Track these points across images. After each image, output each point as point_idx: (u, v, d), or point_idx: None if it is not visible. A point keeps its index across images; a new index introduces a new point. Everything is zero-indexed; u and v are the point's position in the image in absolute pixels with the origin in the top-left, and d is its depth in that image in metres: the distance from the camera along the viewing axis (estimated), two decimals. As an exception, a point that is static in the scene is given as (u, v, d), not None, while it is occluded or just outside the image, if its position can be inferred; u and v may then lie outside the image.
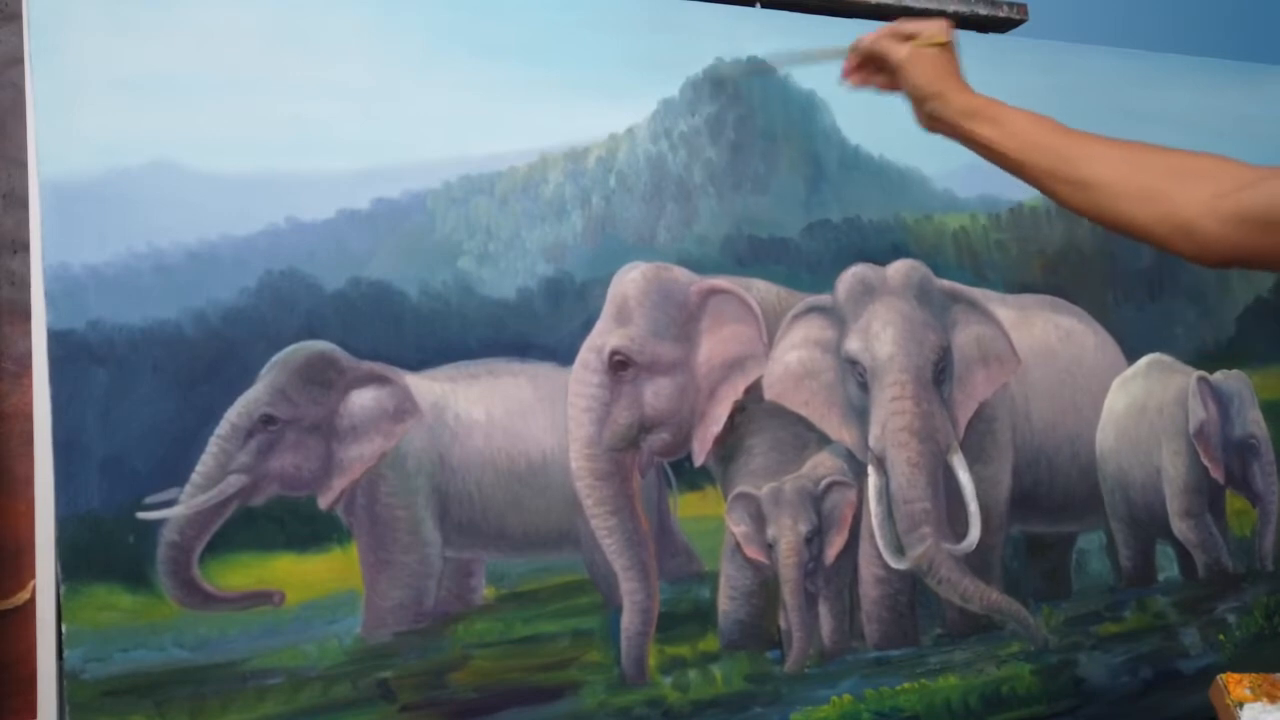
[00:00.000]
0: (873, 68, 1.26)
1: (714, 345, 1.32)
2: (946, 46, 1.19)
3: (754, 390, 1.34)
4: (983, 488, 1.41)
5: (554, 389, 1.24)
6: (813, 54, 1.35)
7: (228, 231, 1.12)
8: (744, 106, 1.39)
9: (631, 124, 1.33)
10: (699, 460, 1.31)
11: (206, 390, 1.10)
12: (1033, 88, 1.57)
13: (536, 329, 1.24)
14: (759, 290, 1.35)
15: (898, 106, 1.33)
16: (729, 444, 1.33)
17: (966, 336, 1.43)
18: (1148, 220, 0.99)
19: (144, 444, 1.07)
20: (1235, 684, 1.18)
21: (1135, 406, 1.57)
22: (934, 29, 1.20)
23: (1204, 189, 0.96)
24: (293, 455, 1.13)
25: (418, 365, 1.18)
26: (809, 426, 1.36)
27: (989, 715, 1.41)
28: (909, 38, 1.20)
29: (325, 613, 1.12)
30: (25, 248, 1.18)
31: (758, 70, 1.39)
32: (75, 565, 1.03)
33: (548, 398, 1.24)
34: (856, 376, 1.37)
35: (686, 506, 1.30)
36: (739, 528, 1.32)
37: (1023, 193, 1.54)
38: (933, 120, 1.18)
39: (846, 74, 1.29)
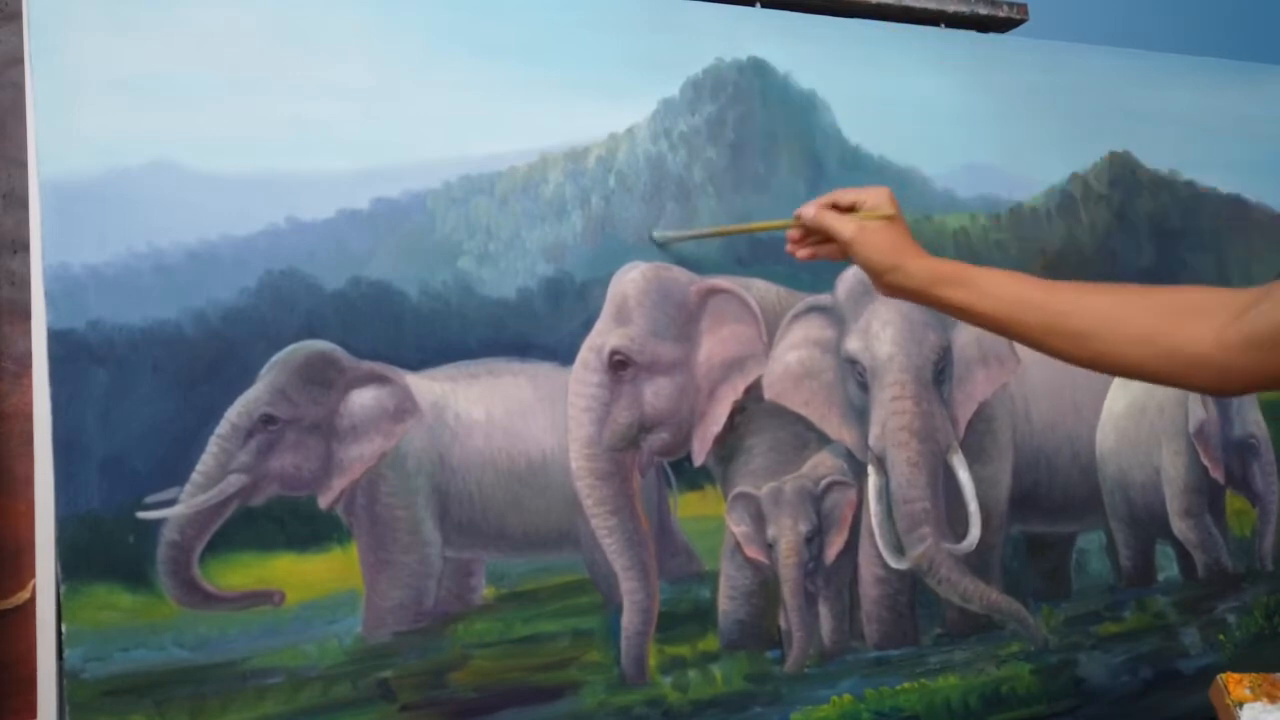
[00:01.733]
0: (819, 238, 1.18)
1: (714, 345, 1.32)
2: (894, 215, 1.12)
3: (754, 390, 1.34)
4: (983, 487, 1.41)
5: (554, 389, 1.24)
6: (754, 226, 1.30)
7: (228, 231, 1.12)
8: (744, 106, 1.39)
9: (631, 124, 1.33)
10: (699, 460, 1.31)
11: (206, 390, 1.10)
12: (1033, 88, 1.58)
13: (536, 329, 1.24)
14: (759, 290, 1.35)
15: (898, 107, 1.33)
16: (729, 444, 1.33)
17: (966, 336, 1.43)
18: (1156, 363, 0.96)
19: (144, 444, 1.07)
20: (1235, 684, 1.18)
21: (1135, 406, 1.57)
22: (876, 199, 1.14)
23: (1204, 323, 0.93)
24: (293, 455, 1.13)
25: (418, 365, 1.18)
26: (809, 426, 1.36)
27: (989, 715, 1.41)
28: (850, 208, 1.15)
29: (325, 612, 1.12)
30: (25, 248, 1.18)
31: (684, 239, 1.32)
32: (75, 565, 1.03)
33: (548, 398, 1.24)
34: (856, 376, 1.37)
35: (686, 506, 1.30)
36: (739, 527, 1.32)
37: (1023, 192, 1.55)
38: (894, 290, 1.11)
39: (792, 248, 1.20)
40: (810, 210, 1.17)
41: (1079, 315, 0.99)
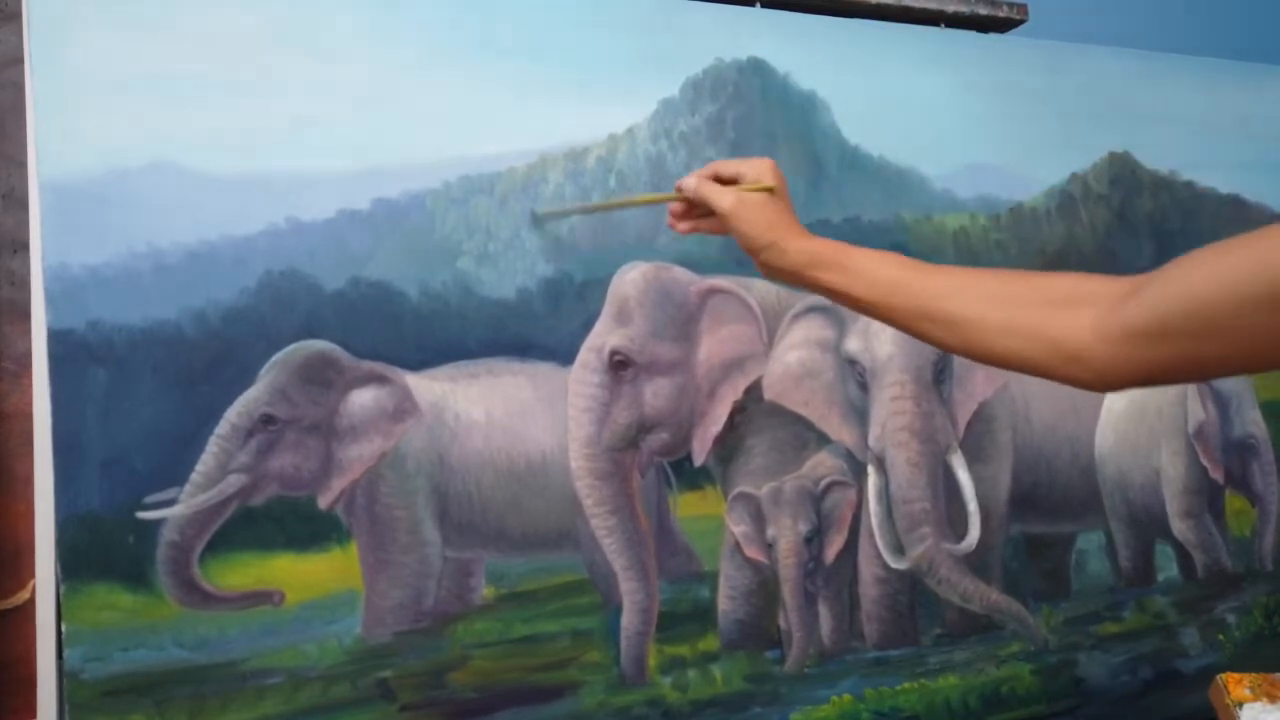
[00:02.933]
0: (701, 211, 1.13)
1: (714, 345, 1.32)
2: (775, 189, 1.08)
3: (754, 390, 1.34)
4: (982, 488, 1.41)
5: (554, 389, 1.24)
6: (634, 199, 1.28)
7: (228, 231, 1.12)
8: (744, 106, 1.39)
9: (631, 124, 1.33)
10: (699, 460, 1.31)
11: (206, 390, 1.10)
12: (1033, 88, 1.58)
13: (536, 329, 1.24)
14: (759, 290, 1.35)
15: (897, 107, 1.33)
16: (729, 444, 1.33)
17: (966, 336, 1.43)
18: (1033, 353, 0.90)
19: (144, 444, 1.07)
20: (1235, 684, 1.18)
21: (1135, 407, 1.57)
22: (758, 170, 1.09)
23: (1083, 315, 0.87)
24: (292, 455, 1.13)
25: (418, 365, 1.18)
26: (809, 426, 1.36)
27: (989, 715, 1.41)
28: (732, 180, 1.10)
29: (325, 613, 1.12)
30: (25, 248, 1.18)
31: (565, 214, 1.29)
32: (75, 565, 1.03)
33: (547, 398, 1.24)
34: (856, 376, 1.37)
35: (686, 506, 1.30)
36: (739, 527, 1.32)
37: (1023, 193, 1.55)
38: (770, 270, 1.07)
39: (672, 222, 1.15)
40: (691, 181, 1.12)
41: (952, 301, 0.94)
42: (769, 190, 1.07)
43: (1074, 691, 1.47)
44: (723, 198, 1.07)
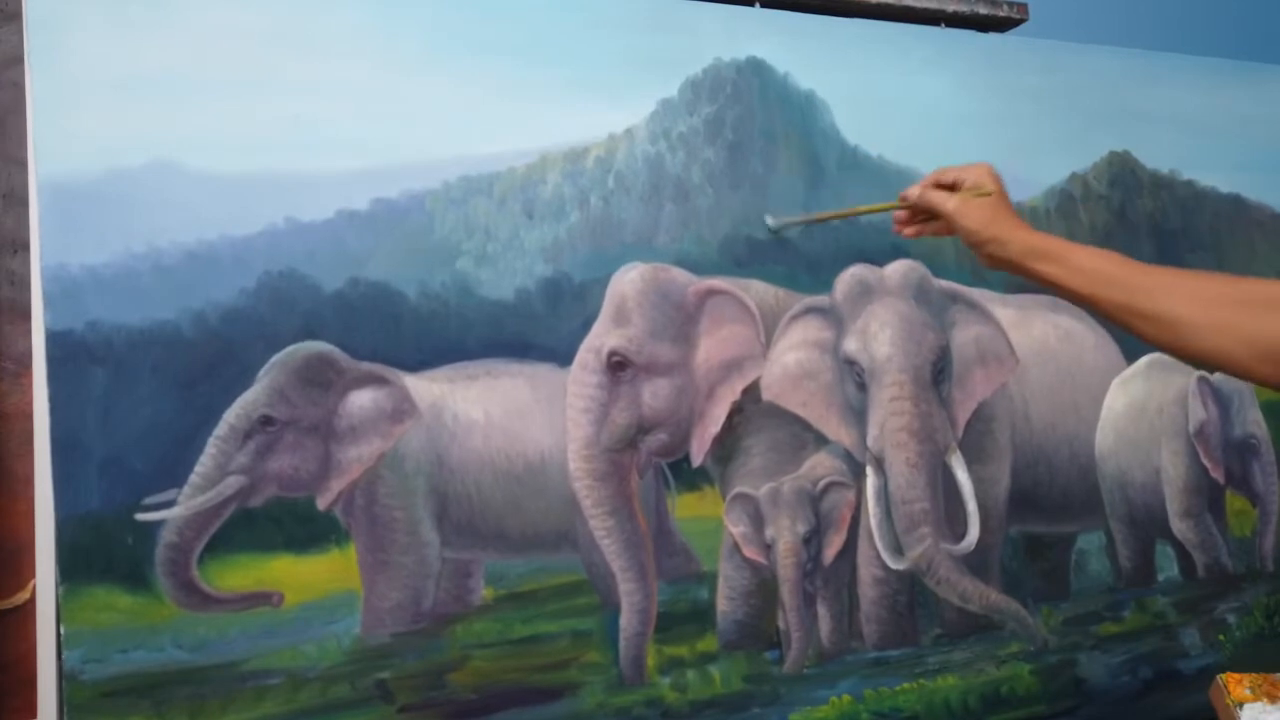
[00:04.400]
0: (924, 217, 1.24)
1: (712, 346, 1.32)
2: (995, 193, 1.18)
3: (752, 391, 1.34)
4: (982, 488, 1.41)
5: (552, 389, 1.24)
6: (862, 209, 1.33)
7: (227, 232, 1.12)
8: (743, 106, 1.39)
9: (630, 124, 1.33)
10: (697, 461, 1.31)
11: (205, 390, 1.10)
12: (1033, 88, 1.58)
13: (535, 329, 1.24)
14: (757, 291, 1.35)
15: (898, 107, 1.33)
16: (727, 444, 1.33)
17: (965, 336, 1.43)
18: (1229, 349, 0.99)
19: (143, 444, 1.07)
20: (1235, 684, 1.18)
21: (1135, 407, 1.57)
22: (977, 175, 1.19)
23: None
24: (291, 456, 1.13)
25: (417, 366, 1.19)
26: (807, 427, 1.36)
27: (988, 715, 1.41)
28: (953, 185, 1.20)
29: (324, 613, 1.12)
30: (25, 248, 1.18)
31: (798, 224, 1.38)
32: (75, 565, 1.03)
33: (546, 398, 1.24)
34: (855, 377, 1.37)
35: (685, 507, 1.30)
36: (737, 528, 1.32)
37: (1023, 193, 1.55)
38: (994, 261, 1.16)
39: (899, 228, 1.27)
40: (915, 191, 1.23)
41: (1163, 297, 1.02)
42: (988, 195, 1.17)
43: (1074, 692, 1.47)
44: (947, 201, 1.19)
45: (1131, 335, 1.06)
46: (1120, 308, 1.06)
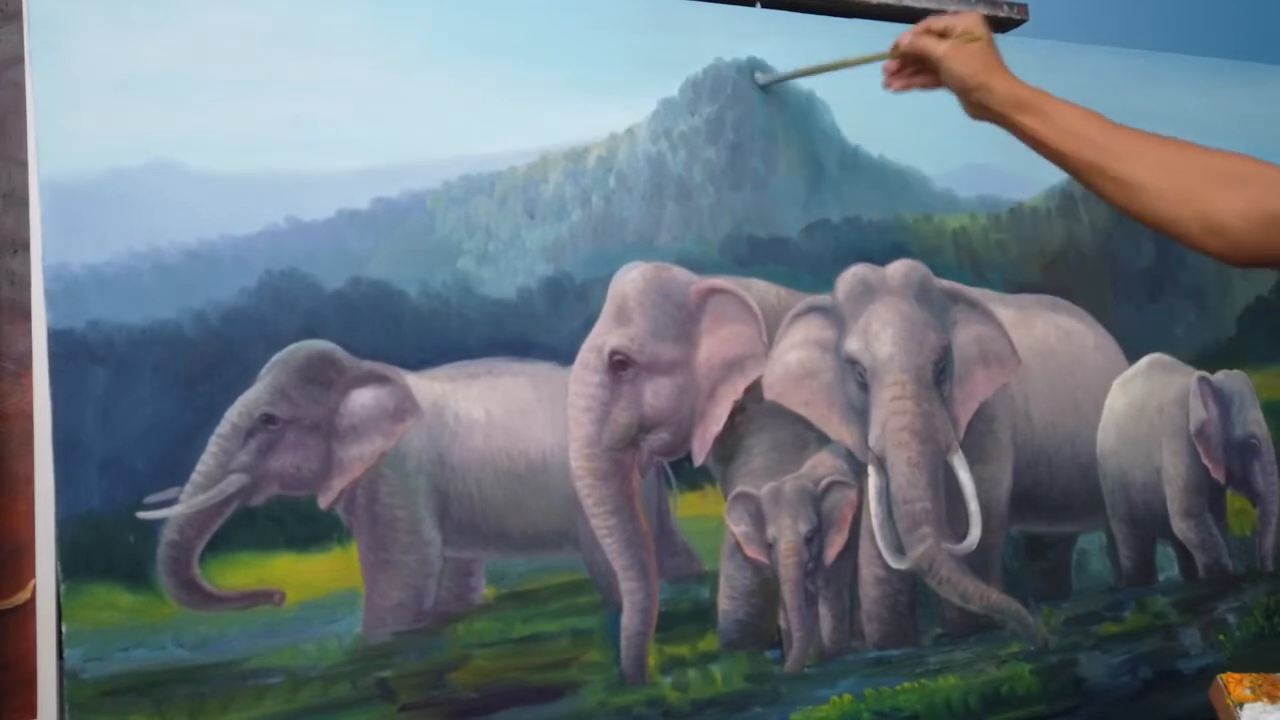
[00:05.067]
0: (913, 69, 1.27)
1: (714, 345, 1.32)
2: (984, 40, 1.21)
3: (754, 390, 1.34)
4: (983, 487, 1.41)
5: (554, 389, 1.24)
6: (850, 61, 1.34)
7: (228, 231, 1.12)
8: (744, 106, 1.39)
9: (631, 124, 1.33)
10: (699, 460, 1.31)
11: (206, 390, 1.10)
12: (1025, 82, 1.57)
13: (536, 329, 1.24)
14: (758, 290, 1.35)
15: (898, 107, 1.33)
16: (729, 444, 1.33)
17: (967, 336, 1.43)
18: (1182, 219, 1.03)
19: (144, 444, 1.07)
20: (1235, 684, 1.18)
21: (1135, 406, 1.57)
22: (968, 22, 1.22)
23: (1239, 192, 1.00)
24: (293, 455, 1.13)
25: (418, 365, 1.19)
26: (809, 426, 1.36)
27: (989, 715, 1.41)
28: (943, 34, 1.22)
29: (325, 612, 1.12)
30: (25, 248, 1.18)
31: (793, 77, 1.40)
32: (75, 565, 1.03)
33: (548, 397, 1.24)
34: (856, 376, 1.37)
35: (686, 506, 1.30)
36: (739, 527, 1.32)
37: (1023, 192, 1.55)
38: (979, 109, 1.19)
39: (889, 80, 1.29)
40: (905, 38, 1.25)
41: (1130, 161, 1.06)
42: (978, 40, 1.20)
43: (1074, 691, 1.47)
44: (936, 47, 1.21)
45: (1096, 193, 1.10)
46: (1090, 167, 1.09)
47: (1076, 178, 1.14)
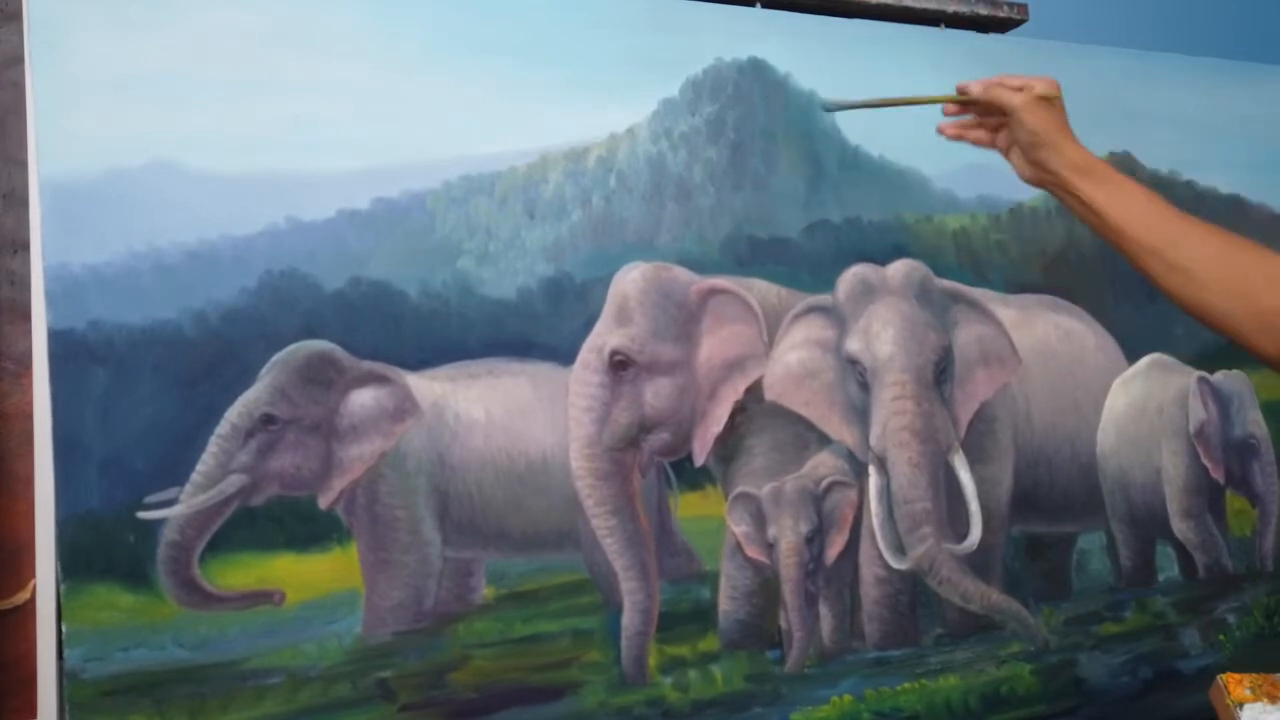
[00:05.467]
0: (974, 120, 1.26)
1: (714, 345, 1.32)
2: (1056, 101, 1.20)
3: (754, 390, 1.33)
4: (983, 488, 1.41)
5: (554, 389, 1.24)
6: (917, 99, 1.32)
7: (228, 231, 1.12)
8: (744, 106, 1.39)
9: (631, 124, 1.33)
10: (699, 460, 1.31)
11: (206, 390, 1.10)
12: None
13: (537, 329, 1.24)
14: (759, 290, 1.35)
15: (898, 107, 1.33)
16: (729, 444, 1.33)
17: (967, 336, 1.43)
18: (1236, 316, 1.02)
19: (144, 444, 1.07)
20: (1235, 684, 1.18)
21: (1135, 406, 1.57)
22: (1046, 85, 1.20)
23: None
24: (293, 455, 1.13)
25: (418, 365, 1.18)
26: (809, 426, 1.36)
27: (989, 715, 1.41)
28: (1019, 89, 1.21)
29: (325, 612, 1.12)
30: (25, 248, 1.18)
31: (853, 106, 1.39)
32: (75, 565, 1.03)
33: (548, 397, 1.24)
34: (857, 376, 1.37)
35: (687, 506, 1.30)
36: (739, 528, 1.32)
37: (1023, 193, 1.54)
38: (1040, 169, 1.18)
39: (944, 125, 1.28)
40: (977, 86, 1.24)
41: (1186, 248, 1.05)
42: (1055, 100, 1.19)
43: (1074, 692, 1.47)
44: (1014, 97, 1.19)
45: (1145, 276, 1.09)
46: (1145, 248, 1.08)
47: (1129, 257, 1.12)
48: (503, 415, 1.22)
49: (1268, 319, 0.99)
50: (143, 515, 1.06)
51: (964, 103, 1.26)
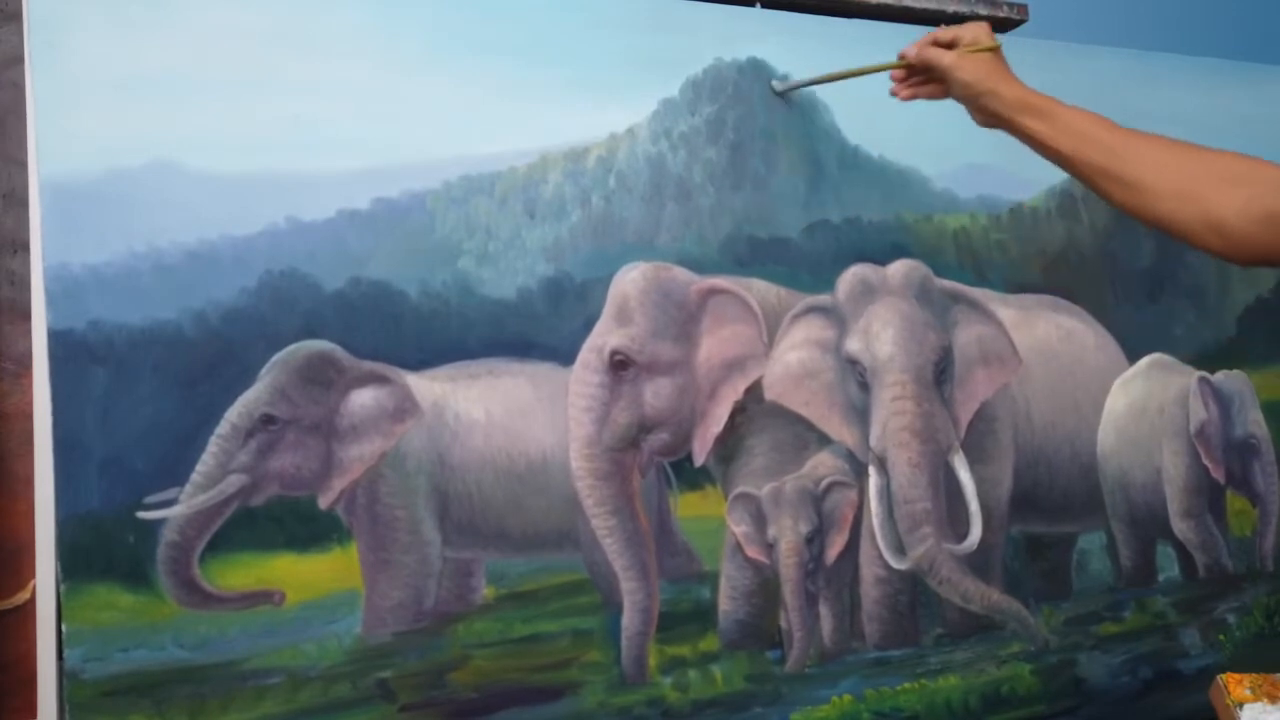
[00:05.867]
0: (921, 78, 1.30)
1: (714, 345, 1.32)
2: (994, 50, 1.24)
3: (754, 390, 1.34)
4: (983, 488, 1.41)
5: (554, 389, 1.24)
6: (858, 70, 1.36)
7: (228, 231, 1.12)
8: (744, 106, 1.39)
9: (631, 124, 1.33)
10: (699, 460, 1.31)
11: (206, 390, 1.10)
12: (1033, 88, 1.57)
13: (537, 329, 1.24)
14: (759, 290, 1.35)
15: (898, 107, 1.33)
16: (729, 444, 1.33)
17: (967, 336, 1.43)
18: (1185, 219, 1.06)
19: (144, 444, 1.07)
20: (1235, 684, 1.18)
21: (1136, 407, 1.57)
22: (975, 33, 1.24)
23: (1240, 191, 1.03)
24: (293, 455, 1.13)
25: (418, 365, 1.18)
26: (809, 426, 1.36)
27: (989, 715, 1.41)
28: (950, 45, 1.25)
29: (325, 612, 1.12)
30: (25, 248, 1.18)
31: (807, 85, 1.41)
32: (75, 565, 1.03)
33: (548, 398, 1.24)
34: (857, 376, 1.37)
35: (687, 506, 1.30)
36: (739, 528, 1.32)
37: (1023, 193, 1.55)
38: (986, 114, 1.22)
39: (896, 88, 1.32)
40: (913, 49, 1.28)
41: (1134, 163, 1.09)
42: (988, 50, 1.23)
43: (1074, 692, 1.47)
44: (944, 56, 1.24)
45: (1101, 196, 1.13)
46: (1095, 169, 1.11)
47: (1081, 180, 1.16)
48: (503, 415, 1.22)
49: (1213, 217, 1.03)
50: (143, 515, 1.06)
51: (903, 68, 1.30)
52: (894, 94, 1.32)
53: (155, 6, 1.12)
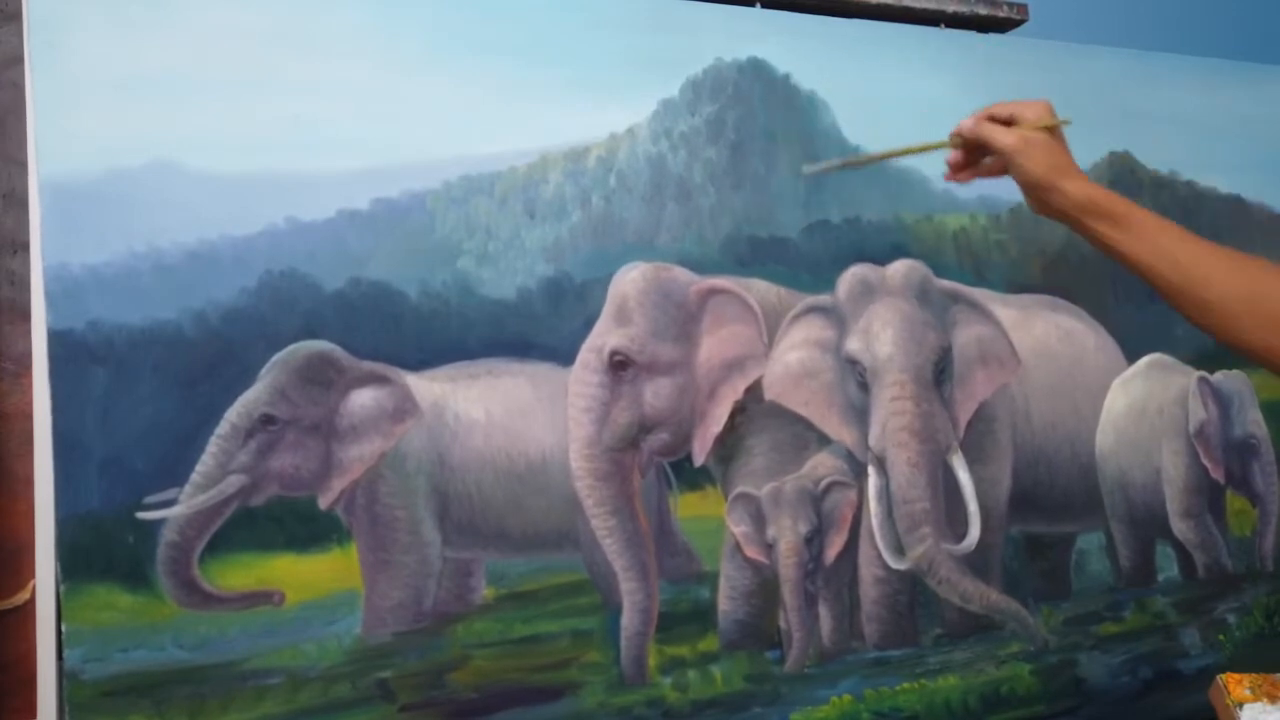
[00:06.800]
0: (977, 156, 1.22)
1: (714, 345, 1.32)
2: (1055, 130, 1.15)
3: (754, 390, 1.33)
4: (982, 488, 1.40)
5: (554, 389, 1.24)
6: (905, 150, 1.29)
7: (228, 231, 1.12)
8: (744, 106, 1.39)
9: (631, 124, 1.33)
10: (699, 460, 1.31)
11: (206, 390, 1.10)
12: (1033, 88, 1.57)
13: (536, 329, 1.24)
14: (759, 290, 1.35)
15: (898, 107, 1.33)
16: (729, 444, 1.33)
17: (967, 336, 1.43)
18: (1265, 346, 1.02)
19: (144, 444, 1.07)
20: (1235, 684, 1.18)
21: (1135, 407, 1.57)
22: (1037, 111, 1.16)
23: None
24: (292, 455, 1.13)
25: (418, 365, 1.18)
26: (809, 427, 1.36)
27: (989, 715, 1.41)
28: (1008, 120, 1.16)
29: (325, 613, 1.12)
30: (25, 248, 1.18)
31: (835, 168, 1.37)
32: (75, 565, 1.03)
33: (548, 398, 1.24)
34: (856, 376, 1.37)
35: (686, 506, 1.30)
36: (739, 528, 1.32)
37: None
38: (1048, 210, 1.15)
39: (953, 173, 1.24)
40: (969, 123, 1.18)
41: (1211, 286, 1.03)
42: (1050, 129, 1.13)
43: (1074, 691, 1.47)
44: (1005, 136, 1.13)
45: (1178, 311, 1.07)
46: (1173, 288, 1.06)
47: (1159, 293, 1.10)
48: (502, 415, 1.22)
49: None
50: (142, 515, 1.06)
51: (959, 146, 1.22)
52: (950, 179, 1.23)
53: (155, 6, 1.12)
